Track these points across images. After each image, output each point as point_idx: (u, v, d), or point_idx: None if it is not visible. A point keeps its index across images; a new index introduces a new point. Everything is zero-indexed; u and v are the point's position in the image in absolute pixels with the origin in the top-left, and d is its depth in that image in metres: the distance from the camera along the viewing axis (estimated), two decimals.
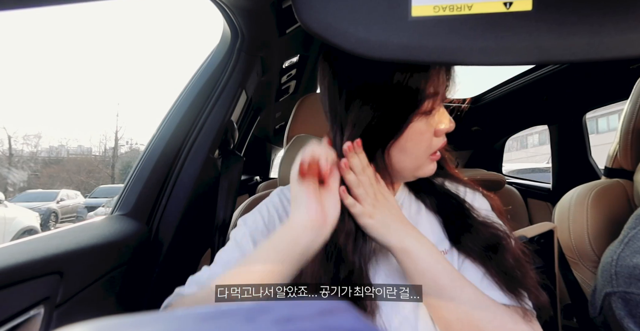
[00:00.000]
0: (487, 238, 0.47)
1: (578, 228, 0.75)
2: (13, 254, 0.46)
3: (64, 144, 19.70)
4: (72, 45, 43.32)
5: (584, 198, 0.76)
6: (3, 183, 10.27)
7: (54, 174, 16.50)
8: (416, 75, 0.43)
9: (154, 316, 0.15)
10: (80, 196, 10.34)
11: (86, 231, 0.62)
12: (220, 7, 0.79)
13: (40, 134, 19.09)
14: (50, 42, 43.53)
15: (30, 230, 4.93)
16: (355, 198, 0.44)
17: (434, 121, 0.47)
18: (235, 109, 0.96)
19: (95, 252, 0.59)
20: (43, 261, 0.48)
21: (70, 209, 9.15)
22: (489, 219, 0.49)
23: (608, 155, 0.85)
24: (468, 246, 0.47)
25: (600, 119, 14.08)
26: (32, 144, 17.74)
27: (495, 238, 0.46)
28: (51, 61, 39.96)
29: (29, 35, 41.46)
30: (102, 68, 40.68)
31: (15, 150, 16.06)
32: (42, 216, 6.59)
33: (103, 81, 39.31)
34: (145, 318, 0.15)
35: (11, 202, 6.60)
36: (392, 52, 0.35)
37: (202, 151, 0.84)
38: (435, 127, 0.47)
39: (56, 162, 18.08)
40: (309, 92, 1.81)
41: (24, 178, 12.72)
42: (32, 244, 0.51)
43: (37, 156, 18.03)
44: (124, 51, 45.59)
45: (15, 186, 10.55)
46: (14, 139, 16.11)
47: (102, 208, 8.21)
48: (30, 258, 0.47)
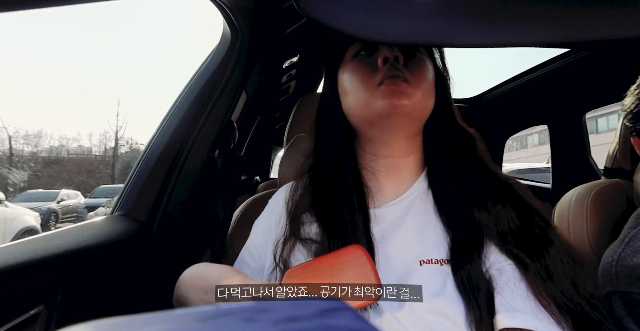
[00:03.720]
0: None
1: (578, 227, 0.75)
2: (13, 254, 0.46)
3: (64, 144, 19.72)
4: (72, 45, 43.31)
5: (584, 198, 0.76)
6: (4, 183, 10.26)
7: (54, 174, 16.49)
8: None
9: (154, 316, 0.15)
10: (80, 196, 10.34)
11: (86, 231, 0.62)
12: (220, 7, 0.79)
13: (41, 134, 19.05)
14: (51, 42, 43.52)
15: (30, 230, 4.93)
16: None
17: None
18: (235, 109, 0.96)
19: (95, 252, 0.59)
20: (43, 261, 0.48)
21: (70, 209, 9.15)
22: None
23: (607, 155, 0.85)
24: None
25: (600, 119, 14.07)
26: (32, 144, 17.75)
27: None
28: (51, 61, 39.94)
29: (29, 35, 41.46)
30: (103, 68, 40.65)
31: (15, 150, 16.06)
32: (42, 216, 6.59)
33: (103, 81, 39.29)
34: (145, 318, 0.15)
35: (12, 202, 6.60)
36: (397, 35, 0.34)
37: (202, 151, 0.84)
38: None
39: (56, 162, 18.08)
40: (309, 92, 1.82)
41: (25, 177, 12.72)
42: (32, 245, 0.51)
43: (38, 156, 18.03)
44: (125, 51, 45.57)
45: (15, 186, 10.55)
46: (14, 140, 16.11)
47: (102, 208, 8.21)
48: (30, 258, 0.47)
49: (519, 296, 0.41)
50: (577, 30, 0.31)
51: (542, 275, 0.42)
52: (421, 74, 0.49)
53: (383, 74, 0.47)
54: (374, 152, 0.53)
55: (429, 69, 0.51)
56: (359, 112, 0.50)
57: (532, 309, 0.40)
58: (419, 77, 0.48)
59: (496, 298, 0.41)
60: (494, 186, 0.49)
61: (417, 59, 0.50)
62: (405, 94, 0.46)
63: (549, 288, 0.41)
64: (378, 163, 0.53)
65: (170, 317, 0.15)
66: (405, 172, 0.53)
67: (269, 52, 1.09)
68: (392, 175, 0.53)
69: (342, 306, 0.16)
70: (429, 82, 0.50)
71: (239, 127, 1.05)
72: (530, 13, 0.32)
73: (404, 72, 0.47)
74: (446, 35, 0.33)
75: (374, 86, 0.47)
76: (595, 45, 0.53)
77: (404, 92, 0.46)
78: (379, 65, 0.48)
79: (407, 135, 0.51)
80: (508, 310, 0.40)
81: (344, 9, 0.34)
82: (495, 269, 0.43)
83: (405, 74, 0.47)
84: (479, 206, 0.47)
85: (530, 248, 0.44)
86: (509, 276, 0.43)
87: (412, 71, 0.48)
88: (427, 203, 0.51)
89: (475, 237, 0.45)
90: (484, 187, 0.49)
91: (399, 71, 0.47)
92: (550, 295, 0.41)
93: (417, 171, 0.54)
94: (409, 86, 0.47)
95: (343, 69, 0.52)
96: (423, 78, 0.49)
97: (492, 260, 0.44)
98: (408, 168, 0.53)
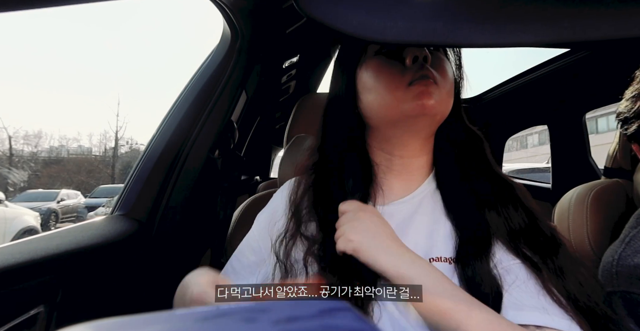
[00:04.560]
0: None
1: (578, 227, 0.75)
2: (13, 254, 0.46)
3: (64, 144, 19.72)
4: (72, 45, 43.31)
5: (584, 197, 0.76)
6: (4, 183, 10.26)
7: (54, 174, 16.49)
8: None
9: (154, 316, 0.15)
10: (80, 196, 10.34)
11: (86, 231, 0.62)
12: (220, 7, 0.79)
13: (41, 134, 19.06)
14: (51, 42, 43.52)
15: (30, 230, 4.93)
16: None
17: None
18: (235, 109, 0.96)
19: (95, 252, 0.59)
20: (43, 261, 0.48)
21: (70, 209, 9.14)
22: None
23: (607, 155, 0.85)
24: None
25: (600, 119, 14.07)
26: (32, 144, 17.76)
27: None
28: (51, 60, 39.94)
29: (30, 35, 41.45)
30: (103, 68, 40.66)
31: (15, 150, 16.06)
32: (42, 216, 6.59)
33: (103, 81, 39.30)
34: (145, 318, 0.15)
35: (12, 202, 6.60)
36: (397, 35, 0.33)
37: (202, 151, 0.84)
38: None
39: (56, 162, 18.08)
40: (309, 92, 1.82)
41: (25, 177, 12.72)
42: (32, 245, 0.51)
43: (38, 156, 18.03)
44: (125, 51, 45.58)
45: (15, 186, 10.55)
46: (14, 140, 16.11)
47: (102, 208, 8.21)
48: (30, 258, 0.47)
49: (527, 294, 0.41)
50: (577, 30, 0.30)
51: (555, 273, 0.42)
52: (445, 74, 0.49)
53: (413, 74, 0.46)
54: (389, 151, 0.53)
55: (451, 69, 0.51)
56: (384, 111, 0.49)
57: (543, 305, 0.40)
58: (444, 78, 0.48)
59: (504, 297, 0.41)
60: (501, 187, 0.50)
61: (439, 59, 0.50)
62: (433, 95, 0.46)
63: (562, 285, 0.41)
64: (392, 162, 0.53)
65: (170, 317, 0.15)
66: (417, 172, 0.53)
67: (269, 52, 1.09)
68: (404, 174, 0.53)
69: (342, 306, 0.16)
70: (451, 83, 0.50)
71: (239, 127, 1.05)
72: (530, 13, 0.31)
73: (433, 73, 0.47)
74: (446, 35, 0.33)
75: (403, 86, 0.46)
76: (595, 45, 0.53)
77: (432, 93, 0.46)
78: (408, 64, 0.47)
79: (425, 135, 0.51)
80: (516, 307, 0.40)
81: (344, 9, 0.34)
82: (501, 268, 0.43)
83: (434, 75, 0.47)
84: (488, 206, 0.47)
85: (540, 247, 0.44)
86: (516, 274, 0.43)
87: (438, 71, 0.48)
88: (436, 203, 0.51)
89: (484, 236, 0.45)
90: (491, 187, 0.49)
91: (429, 71, 0.47)
92: (564, 292, 0.41)
93: (427, 172, 0.54)
94: (437, 87, 0.46)
95: (365, 66, 0.51)
96: (447, 78, 0.48)
97: (498, 259, 0.44)
98: (419, 168, 0.53)
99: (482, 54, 74.62)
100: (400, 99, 0.46)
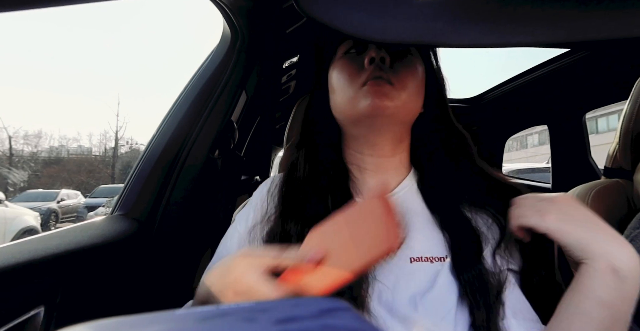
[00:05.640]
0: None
1: None
2: (13, 254, 0.46)
3: (64, 144, 19.73)
4: (73, 45, 43.31)
5: (584, 197, 0.76)
6: (4, 183, 10.26)
7: (54, 174, 16.49)
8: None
9: (154, 316, 0.15)
10: (80, 196, 10.34)
11: (86, 231, 0.62)
12: (220, 7, 0.79)
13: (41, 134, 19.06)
14: (51, 42, 43.53)
15: (30, 230, 4.93)
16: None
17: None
18: (235, 109, 0.96)
19: (95, 252, 0.59)
20: (43, 261, 0.48)
21: (70, 209, 9.15)
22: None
23: (608, 155, 0.85)
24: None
25: (600, 119, 14.07)
26: (32, 144, 17.76)
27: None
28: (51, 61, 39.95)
29: (30, 35, 41.46)
30: (103, 68, 40.67)
31: (15, 150, 16.07)
32: (42, 216, 6.59)
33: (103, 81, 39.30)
34: (145, 318, 0.15)
35: (12, 202, 6.59)
36: (397, 35, 0.34)
37: (202, 151, 0.84)
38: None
39: (56, 162, 18.09)
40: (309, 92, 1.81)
41: (25, 177, 12.72)
42: (32, 245, 0.51)
43: (38, 156, 18.04)
44: (125, 51, 45.60)
45: (15, 186, 10.55)
46: (14, 140, 16.11)
47: (102, 208, 8.21)
48: (30, 258, 0.47)
49: (518, 299, 0.42)
50: (577, 30, 0.30)
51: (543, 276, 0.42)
52: (408, 76, 0.49)
53: (367, 74, 0.48)
54: (358, 150, 0.54)
55: (418, 71, 0.51)
56: (344, 110, 0.50)
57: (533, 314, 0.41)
58: (405, 80, 0.48)
59: (496, 300, 0.41)
60: (488, 186, 0.50)
61: (407, 61, 0.50)
62: (387, 96, 0.46)
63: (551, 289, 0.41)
64: (365, 161, 0.53)
65: (170, 317, 0.15)
66: (392, 171, 0.53)
67: (269, 52, 1.09)
68: (379, 174, 0.53)
69: (342, 306, 0.16)
70: (416, 85, 0.50)
71: (239, 127, 1.05)
72: (530, 13, 0.31)
73: (388, 74, 0.47)
74: (446, 35, 0.33)
75: (359, 85, 0.48)
76: (595, 45, 0.53)
77: (386, 94, 0.46)
78: (365, 65, 0.48)
79: (392, 136, 0.52)
80: (513, 314, 0.41)
81: (344, 9, 0.34)
82: (489, 268, 0.43)
83: (390, 76, 0.47)
84: (474, 206, 0.48)
85: (528, 248, 0.44)
86: (504, 276, 0.43)
87: (398, 73, 0.48)
88: (416, 202, 0.51)
89: (468, 236, 0.45)
90: (476, 187, 0.49)
91: (384, 72, 0.47)
92: (554, 296, 0.41)
93: (404, 171, 0.54)
94: (393, 88, 0.47)
95: (333, 66, 0.53)
96: (409, 80, 0.49)
97: (485, 259, 0.44)
98: (395, 167, 0.53)
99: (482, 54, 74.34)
100: (354, 98, 0.48)
